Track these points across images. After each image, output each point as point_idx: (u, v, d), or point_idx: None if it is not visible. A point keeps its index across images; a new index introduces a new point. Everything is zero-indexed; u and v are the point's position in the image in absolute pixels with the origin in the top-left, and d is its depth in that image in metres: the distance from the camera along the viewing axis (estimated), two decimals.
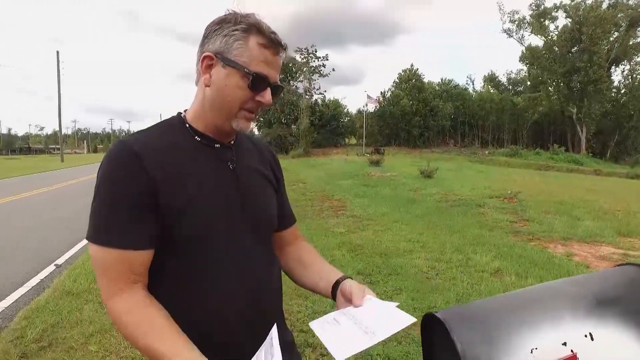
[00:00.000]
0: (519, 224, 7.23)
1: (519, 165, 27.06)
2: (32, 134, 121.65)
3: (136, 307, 0.78)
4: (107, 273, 0.79)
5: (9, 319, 3.41)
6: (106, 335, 2.99)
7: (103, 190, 0.80)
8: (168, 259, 0.84)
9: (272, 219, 1.00)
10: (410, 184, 12.96)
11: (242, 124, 0.88)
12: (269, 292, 0.95)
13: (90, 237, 0.80)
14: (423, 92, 44.65)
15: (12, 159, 50.36)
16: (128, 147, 0.81)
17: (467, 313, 0.67)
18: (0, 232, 6.85)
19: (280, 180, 1.09)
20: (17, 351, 2.77)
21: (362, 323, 0.77)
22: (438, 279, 4.29)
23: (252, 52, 0.83)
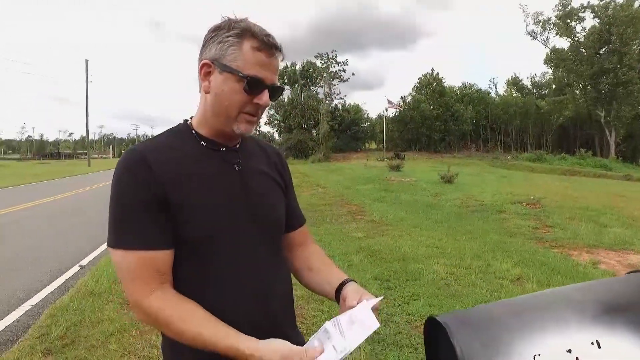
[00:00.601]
0: (542, 230, 7.02)
1: (544, 171, 26.32)
2: (62, 139, 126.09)
3: (174, 302, 0.81)
4: (135, 275, 0.81)
5: (36, 316, 3.55)
6: (125, 334, 3.07)
7: (117, 197, 0.83)
8: (177, 262, 0.87)
9: (278, 220, 1.01)
10: (430, 189, 12.79)
11: (243, 127, 0.89)
12: (276, 293, 0.95)
13: (111, 244, 0.83)
14: (444, 97, 44.17)
15: (43, 163, 52.39)
16: (137, 154, 0.84)
17: (469, 317, 0.66)
18: (31, 234, 7.12)
19: (288, 182, 1.10)
20: (43, 347, 2.87)
21: (344, 332, 0.79)
22: (457, 285, 4.21)
23: (245, 56, 0.85)
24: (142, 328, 3.17)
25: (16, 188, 16.31)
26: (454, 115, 43.68)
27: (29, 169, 33.44)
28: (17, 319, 3.52)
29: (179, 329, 0.80)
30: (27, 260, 5.38)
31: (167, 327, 0.81)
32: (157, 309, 0.80)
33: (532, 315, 0.65)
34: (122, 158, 0.87)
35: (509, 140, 48.80)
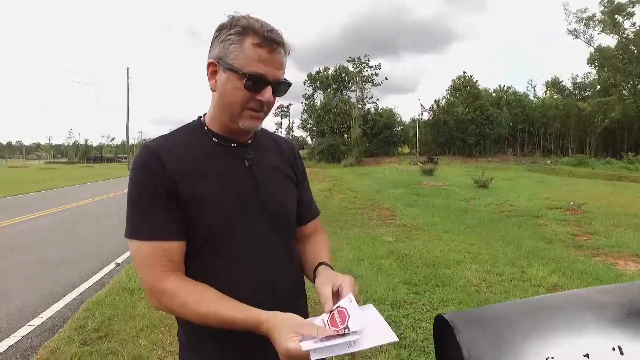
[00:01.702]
0: (583, 237, 6.66)
1: (586, 175, 24.96)
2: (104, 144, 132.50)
3: (188, 286, 0.84)
4: (150, 264, 0.84)
5: (74, 309, 3.76)
6: (155, 330, 3.17)
7: (132, 191, 0.87)
8: (189, 254, 0.89)
9: (289, 215, 1.01)
10: (463, 194, 12.45)
11: (249, 123, 0.90)
12: (285, 285, 0.97)
13: (128, 234, 0.86)
14: (479, 100, 42.97)
15: (87, 166, 55.21)
16: (151, 150, 0.88)
17: (478, 316, 0.63)
18: (73, 233, 7.53)
19: (301, 175, 1.10)
20: (79, 339, 3.04)
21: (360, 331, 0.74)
22: (488, 292, 4.07)
23: (247, 54, 0.85)
24: (171, 325, 3.26)
25: (60, 190, 17.27)
26: (488, 118, 42.38)
27: (74, 172, 35.38)
28: (58, 311, 3.74)
29: (194, 309, 0.81)
30: (69, 257, 5.68)
31: (183, 308, 0.82)
32: (172, 292, 0.82)
33: (546, 316, 0.61)
34: (137, 154, 0.90)
35: (548, 144, 46.73)
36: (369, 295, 3.87)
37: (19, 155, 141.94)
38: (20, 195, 14.47)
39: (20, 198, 13.70)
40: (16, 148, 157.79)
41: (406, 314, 3.55)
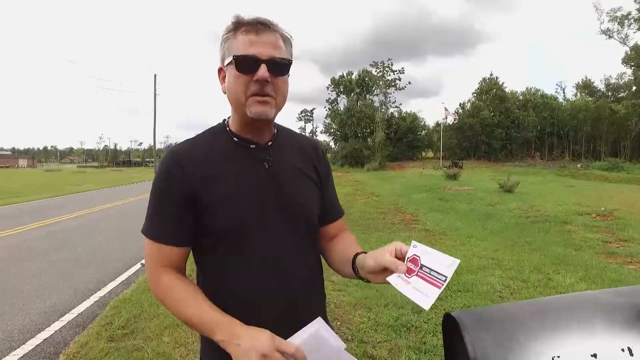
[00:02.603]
0: (615, 244, 6.40)
1: (620, 180, 23.97)
2: (132, 148, 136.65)
3: (178, 283, 0.90)
4: (152, 260, 0.93)
5: (102, 306, 3.91)
6: (178, 329, 3.25)
7: (153, 193, 0.94)
8: (206, 252, 0.94)
9: (309, 215, 1.01)
10: (487, 199, 12.19)
11: (255, 108, 0.90)
12: (302, 285, 0.97)
13: (143, 230, 0.95)
14: (505, 103, 42.02)
15: (117, 170, 57.18)
16: (172, 156, 0.93)
17: (486, 315, 0.64)
18: (101, 234, 7.83)
19: (324, 175, 1.09)
20: (107, 335, 3.17)
21: (429, 272, 0.83)
22: (512, 299, 3.98)
23: (238, 43, 0.89)
24: None
25: (91, 193, 17.94)
26: (515, 121, 41.37)
27: (104, 176, 36.66)
28: (87, 308, 3.91)
29: (176, 306, 0.88)
30: (98, 257, 5.92)
31: (169, 303, 0.90)
32: (164, 287, 0.90)
33: (554, 316, 0.61)
34: (162, 158, 0.96)
35: (578, 147, 45.15)
36: (389, 300, 3.85)
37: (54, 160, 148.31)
38: (57, 197, 15.13)
39: (57, 200, 14.32)
40: (51, 152, 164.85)
41: (427, 319, 3.51)
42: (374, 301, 3.82)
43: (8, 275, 5.00)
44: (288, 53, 0.93)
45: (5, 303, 4.02)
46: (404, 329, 3.32)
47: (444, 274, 0.80)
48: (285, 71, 0.92)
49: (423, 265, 0.84)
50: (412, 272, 0.85)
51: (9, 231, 7.99)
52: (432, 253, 0.85)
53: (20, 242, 6.93)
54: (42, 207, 12.22)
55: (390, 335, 3.20)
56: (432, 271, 0.82)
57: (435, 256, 0.84)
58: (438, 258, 0.83)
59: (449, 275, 0.79)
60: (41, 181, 26.90)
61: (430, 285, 0.80)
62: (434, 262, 0.83)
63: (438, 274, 0.81)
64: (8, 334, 3.32)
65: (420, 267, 0.84)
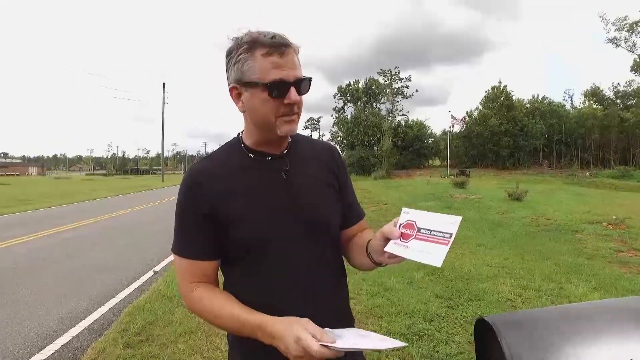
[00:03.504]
0: (627, 253, 6.33)
1: (630, 189, 23.68)
2: (140, 156, 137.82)
3: (212, 294, 0.94)
4: (184, 275, 0.97)
5: (117, 313, 3.96)
6: (192, 336, 3.29)
7: (177, 212, 0.99)
8: (230, 263, 0.98)
9: (328, 223, 1.01)
10: (496, 207, 12.12)
11: (285, 128, 0.93)
12: (323, 293, 0.98)
13: (172, 249, 1.00)
14: (512, 111, 41.90)
15: (125, 178, 57.64)
16: (192, 174, 0.97)
17: (519, 319, 0.67)
18: (112, 242, 7.89)
19: (342, 180, 1.09)
20: (123, 341, 3.21)
21: (429, 233, 0.83)
22: (524, 308, 3.95)
23: (260, 65, 0.89)
24: (208, 331, 3.38)
25: (101, 200, 18.10)
26: (523, 129, 41.19)
27: (113, 183, 36.96)
28: (103, 314, 3.96)
29: (214, 316, 0.92)
30: (111, 264, 5.98)
31: (206, 313, 0.93)
32: (198, 299, 0.94)
33: (586, 322, 0.63)
34: (184, 176, 1.01)
35: (587, 155, 44.72)
36: (401, 309, 3.85)
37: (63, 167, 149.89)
38: (68, 205, 15.30)
39: (68, 208, 14.48)
40: (60, 160, 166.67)
41: (439, 328, 3.51)
42: (385, 309, 3.82)
43: (25, 281, 5.07)
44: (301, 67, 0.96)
45: (23, 309, 4.08)
46: (416, 337, 3.32)
47: (447, 231, 0.80)
48: (308, 89, 0.94)
49: (420, 228, 0.84)
50: (408, 236, 0.85)
51: (23, 238, 8.10)
52: (427, 215, 0.85)
53: (34, 249, 7.03)
54: (54, 214, 12.38)
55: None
56: (433, 231, 0.82)
57: (432, 217, 0.85)
58: (436, 218, 0.84)
59: (453, 232, 0.79)
60: (50, 189, 27.20)
61: (435, 244, 0.80)
62: (432, 223, 0.83)
63: (441, 232, 0.81)
64: (27, 340, 3.38)
65: (417, 230, 0.84)
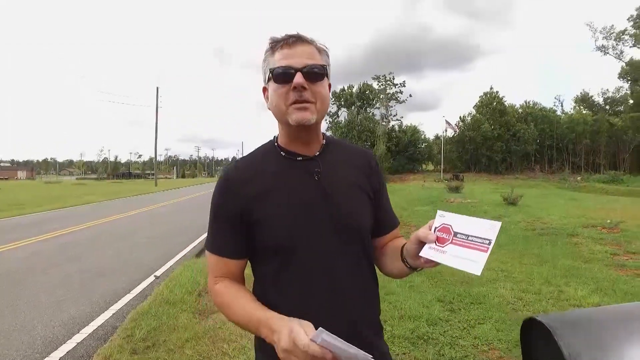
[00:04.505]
0: (624, 257, 6.43)
1: (620, 193, 24.01)
2: (132, 160, 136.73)
3: (232, 289, 0.98)
4: (212, 270, 1.03)
5: (121, 319, 3.92)
6: (199, 341, 3.26)
7: (211, 210, 1.02)
8: (261, 263, 1.00)
9: (361, 227, 1.00)
10: (492, 211, 12.23)
11: (295, 115, 0.93)
12: (353, 298, 0.97)
13: (205, 244, 1.06)
14: (505, 116, 42.38)
15: (117, 182, 56.98)
16: (225, 175, 1.01)
17: (573, 319, 0.67)
18: (110, 246, 7.80)
19: (377, 185, 1.08)
20: (129, 347, 3.17)
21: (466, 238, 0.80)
22: (525, 311, 4.00)
23: (274, 59, 0.95)
24: (215, 336, 3.36)
25: (94, 204, 17.92)
26: (515, 135, 41.66)
27: (105, 188, 36.59)
28: (106, 320, 3.91)
29: (230, 311, 0.96)
30: (111, 269, 5.92)
31: (224, 308, 0.97)
32: (220, 293, 0.99)
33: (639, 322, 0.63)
34: (219, 176, 1.05)
35: (578, 160, 45.27)
36: (404, 313, 3.87)
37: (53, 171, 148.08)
38: (62, 209, 15.12)
39: (61, 212, 14.31)
40: (51, 164, 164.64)
41: (442, 332, 3.53)
42: (389, 314, 3.83)
43: (25, 287, 5.01)
44: (325, 63, 0.97)
45: (26, 315, 4.03)
46: (420, 341, 3.33)
47: (486, 237, 0.77)
48: (320, 76, 0.94)
49: (457, 232, 0.81)
50: (444, 241, 0.83)
51: (19, 243, 7.99)
52: (464, 219, 0.82)
53: (32, 254, 6.94)
54: (48, 219, 12.22)
55: (408, 348, 3.21)
56: (471, 236, 0.79)
57: (469, 221, 0.81)
58: (473, 223, 0.80)
59: (492, 238, 0.76)
60: (42, 193, 26.85)
61: (474, 250, 0.78)
62: (469, 228, 0.80)
63: (479, 238, 0.78)
64: (32, 346, 3.33)
65: (454, 235, 0.81)
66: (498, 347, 3.19)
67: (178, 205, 17.08)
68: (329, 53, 1.01)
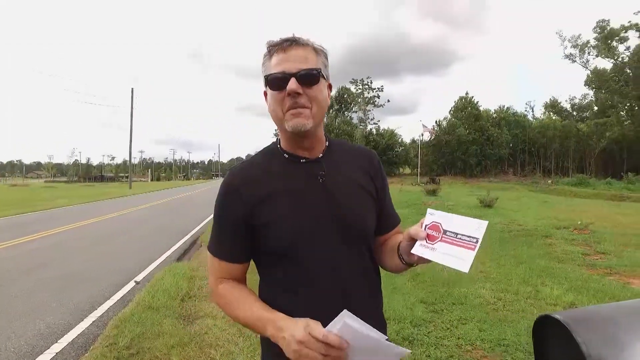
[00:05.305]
0: (594, 257, 6.70)
1: (587, 196, 25.04)
2: (105, 163, 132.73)
3: (234, 290, 1.00)
4: (214, 273, 1.04)
5: (102, 326, 3.79)
6: (186, 348, 3.20)
7: (215, 213, 1.02)
8: (266, 265, 1.01)
9: (364, 227, 1.01)
10: (469, 214, 12.39)
11: (292, 122, 0.93)
12: (360, 298, 0.98)
13: (208, 246, 1.06)
14: (480, 120, 43.56)
15: (89, 185, 55.19)
16: (229, 178, 1.00)
17: (586, 315, 0.67)
18: (85, 251, 7.54)
19: (380, 185, 1.09)
20: (112, 356, 3.07)
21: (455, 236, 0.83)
22: (505, 311, 4.11)
23: (270, 64, 0.95)
24: (202, 342, 3.30)
25: (66, 208, 17.29)
26: (489, 139, 42.88)
27: (77, 191, 35.33)
28: (86, 328, 3.77)
29: (231, 310, 0.98)
30: (87, 274, 5.72)
31: (226, 308, 1.00)
32: (221, 294, 1.01)
33: None
34: (224, 179, 1.03)
35: (548, 164, 47.08)
36: (388, 315, 3.90)
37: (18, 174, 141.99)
38: (30, 214, 14.51)
39: (29, 216, 13.73)
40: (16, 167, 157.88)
41: (427, 332, 3.58)
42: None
43: None
44: (320, 63, 0.96)
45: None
46: (406, 343, 3.37)
47: (474, 235, 0.79)
48: (315, 80, 0.93)
49: (446, 230, 0.83)
50: (434, 238, 0.84)
51: None
52: (452, 218, 0.84)
53: (2, 260, 6.63)
54: (17, 223, 11.71)
55: None
56: (459, 235, 0.81)
57: (457, 220, 0.83)
58: (461, 221, 0.82)
59: (480, 237, 0.79)
60: (7, 197, 25.70)
61: (461, 248, 0.80)
62: (457, 226, 0.82)
63: (467, 236, 0.80)
64: (7, 358, 3.17)
65: (443, 233, 0.83)
66: (481, 347, 3.26)
67: (154, 209, 16.68)
68: (327, 53, 1.01)
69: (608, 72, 39.85)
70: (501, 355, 3.11)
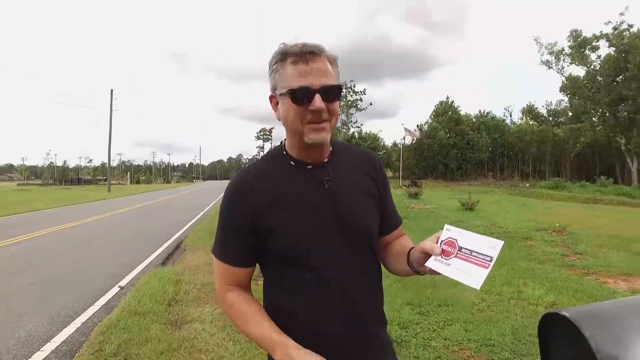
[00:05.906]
0: (572, 258, 6.93)
1: (563, 199, 25.85)
2: (82, 165, 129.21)
3: (242, 301, 1.00)
4: (219, 277, 1.05)
5: (86, 333, 3.68)
6: (175, 353, 3.15)
7: (220, 217, 1.03)
8: (271, 269, 1.02)
9: (369, 231, 1.03)
10: (451, 216, 12.73)
11: (312, 136, 0.94)
12: (364, 301, 1.00)
13: (212, 250, 1.06)
14: (460, 125, 44.37)
15: (65, 189, 53.65)
16: (235, 183, 1.00)
17: (593, 312, 0.68)
18: (65, 256, 7.33)
19: (383, 188, 1.11)
20: None
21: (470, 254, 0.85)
22: (489, 311, 4.20)
23: (288, 74, 0.92)
24: (191, 347, 3.26)
25: (43, 212, 16.76)
26: (469, 143, 43.75)
27: (53, 194, 34.26)
28: (70, 335, 3.66)
29: (237, 322, 1.00)
30: (69, 279, 5.57)
31: (234, 319, 1.01)
32: (230, 303, 1.01)
33: None
34: (227, 185, 1.04)
35: (526, 168, 48.39)
36: None
37: None
38: (4, 217, 13.99)
39: (4, 220, 13.25)
40: None
41: (414, 334, 3.62)
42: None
43: None
44: (336, 75, 0.97)
45: None
46: (394, 345, 3.41)
47: (488, 254, 0.81)
48: (337, 97, 0.95)
49: (462, 247, 0.85)
50: (449, 254, 0.86)
51: None
52: (469, 235, 0.86)
53: None
54: None
55: None
56: (474, 252, 0.83)
57: (473, 238, 0.85)
58: (477, 240, 0.85)
59: (494, 256, 0.81)
60: None
61: (475, 265, 0.82)
62: (473, 244, 0.84)
63: (482, 254, 0.82)
64: None
65: (458, 249, 0.86)
66: (468, 347, 3.32)
67: (135, 212, 16.35)
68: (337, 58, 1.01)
69: (581, 79, 41.26)
70: (487, 355, 3.18)
